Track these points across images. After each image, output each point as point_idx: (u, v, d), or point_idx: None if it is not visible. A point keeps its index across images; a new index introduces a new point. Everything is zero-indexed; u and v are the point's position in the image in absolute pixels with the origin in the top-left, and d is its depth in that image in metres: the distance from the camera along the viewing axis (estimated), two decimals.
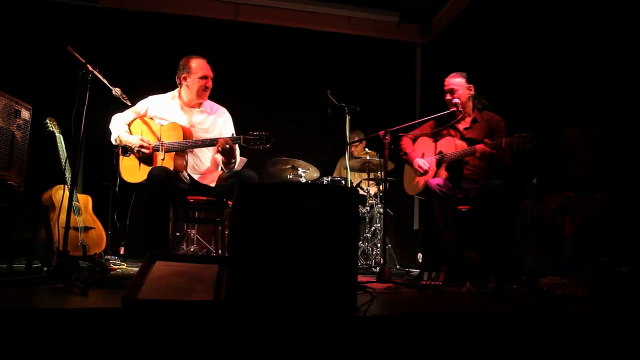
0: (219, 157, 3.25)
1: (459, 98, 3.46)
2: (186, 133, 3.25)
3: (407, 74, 6.84)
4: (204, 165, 3.36)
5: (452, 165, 3.41)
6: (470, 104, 3.52)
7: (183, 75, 3.35)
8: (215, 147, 3.16)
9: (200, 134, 3.34)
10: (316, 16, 6.37)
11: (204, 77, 3.32)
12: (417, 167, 3.54)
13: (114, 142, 3.31)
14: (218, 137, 3.25)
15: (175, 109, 3.38)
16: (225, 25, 6.13)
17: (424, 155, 3.61)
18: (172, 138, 3.23)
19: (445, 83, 3.52)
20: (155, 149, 3.22)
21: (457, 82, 3.48)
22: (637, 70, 3.36)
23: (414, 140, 3.77)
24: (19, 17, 5.46)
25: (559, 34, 4.12)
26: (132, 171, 3.25)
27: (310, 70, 6.21)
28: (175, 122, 3.28)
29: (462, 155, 3.33)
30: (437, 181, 3.28)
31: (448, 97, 3.49)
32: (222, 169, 3.37)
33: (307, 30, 6.34)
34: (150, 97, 3.42)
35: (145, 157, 3.23)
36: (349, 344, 1.66)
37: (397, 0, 6.25)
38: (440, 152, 3.47)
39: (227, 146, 3.09)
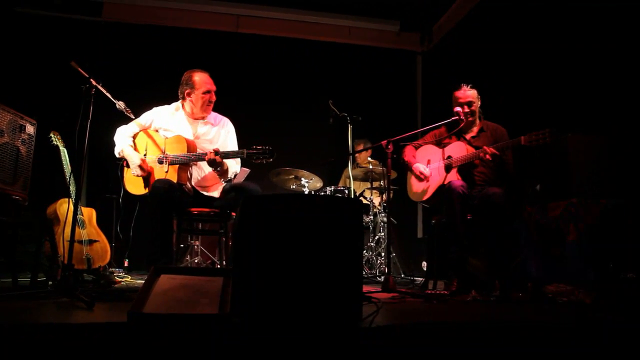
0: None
1: (474, 110, 3.53)
2: (190, 146, 3.26)
3: (408, 82, 6.87)
4: (207, 177, 3.37)
5: (463, 170, 3.42)
6: (477, 113, 3.59)
7: (187, 91, 3.37)
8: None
9: (204, 145, 3.36)
10: (317, 27, 6.42)
11: (207, 92, 3.36)
12: (418, 172, 3.61)
13: (117, 155, 3.33)
14: (223, 148, 3.29)
15: (180, 120, 3.40)
16: (227, 37, 6.19)
17: (430, 162, 3.62)
18: (176, 151, 3.24)
19: (461, 96, 3.56)
20: (160, 162, 3.24)
21: (472, 94, 3.56)
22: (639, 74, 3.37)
23: (417, 147, 3.80)
24: (23, 32, 5.52)
25: (559, 40, 4.13)
26: (136, 183, 3.27)
27: (311, 81, 6.25)
28: (180, 135, 3.30)
29: (472, 158, 3.34)
30: (460, 182, 3.28)
31: (466, 109, 3.52)
32: (223, 180, 3.40)
33: (308, 40, 6.39)
34: (154, 109, 3.44)
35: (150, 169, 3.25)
36: (355, 355, 1.66)
37: (398, 10, 6.29)
38: (450, 157, 3.49)
39: (213, 159, 3.13)
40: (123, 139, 3.32)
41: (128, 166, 3.29)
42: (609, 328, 1.94)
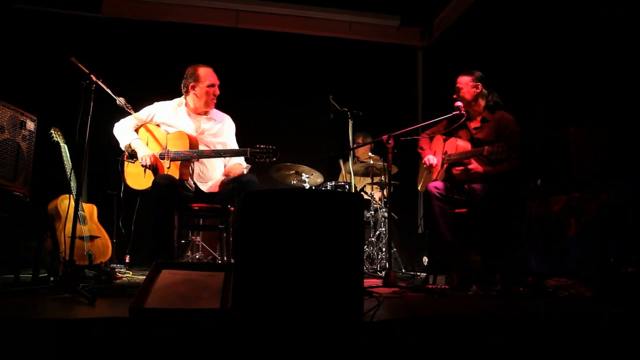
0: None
1: (463, 96, 3.46)
2: (192, 142, 3.26)
3: (408, 77, 6.85)
4: (210, 173, 3.38)
5: (453, 167, 3.41)
6: (480, 102, 3.49)
7: (191, 84, 3.37)
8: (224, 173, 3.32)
9: (208, 140, 3.37)
10: (317, 22, 6.39)
11: (212, 85, 3.36)
12: (424, 160, 3.61)
13: (124, 149, 3.31)
14: (228, 143, 3.39)
15: (182, 116, 3.40)
16: (227, 33, 6.16)
17: (436, 154, 3.63)
18: (178, 147, 3.23)
19: (456, 82, 3.54)
20: (161, 157, 3.23)
21: (462, 80, 3.50)
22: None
23: (431, 139, 3.78)
24: (23, 28, 5.50)
25: (560, 34, 4.11)
26: (137, 178, 3.27)
27: (312, 76, 6.22)
28: (182, 131, 3.29)
29: (460, 158, 3.34)
30: (435, 184, 3.29)
31: (454, 96, 3.51)
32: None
33: (308, 35, 6.36)
34: (155, 104, 3.43)
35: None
36: (357, 349, 1.66)
37: (398, 4, 6.26)
38: (446, 152, 3.50)
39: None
40: (129, 134, 3.31)
41: (130, 158, 3.28)
42: (609, 322, 1.94)
